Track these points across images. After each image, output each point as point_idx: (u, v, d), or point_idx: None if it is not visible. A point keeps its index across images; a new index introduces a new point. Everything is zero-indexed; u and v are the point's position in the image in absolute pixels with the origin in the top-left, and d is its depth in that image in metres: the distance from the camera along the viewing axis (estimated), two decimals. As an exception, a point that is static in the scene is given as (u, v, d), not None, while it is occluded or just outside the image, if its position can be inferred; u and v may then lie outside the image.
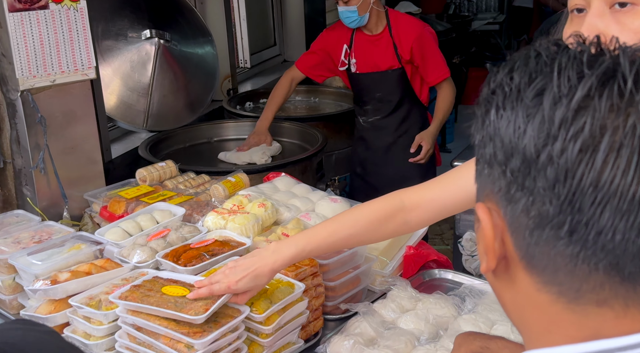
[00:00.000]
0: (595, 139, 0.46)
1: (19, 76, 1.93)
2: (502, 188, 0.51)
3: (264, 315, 1.34)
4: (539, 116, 0.48)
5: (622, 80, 0.47)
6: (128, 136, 3.08)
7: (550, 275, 0.50)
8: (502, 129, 0.50)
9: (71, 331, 1.44)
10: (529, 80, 0.50)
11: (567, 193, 0.47)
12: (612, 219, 0.46)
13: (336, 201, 1.99)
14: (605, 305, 0.49)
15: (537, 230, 0.49)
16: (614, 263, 0.48)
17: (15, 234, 1.71)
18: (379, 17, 2.77)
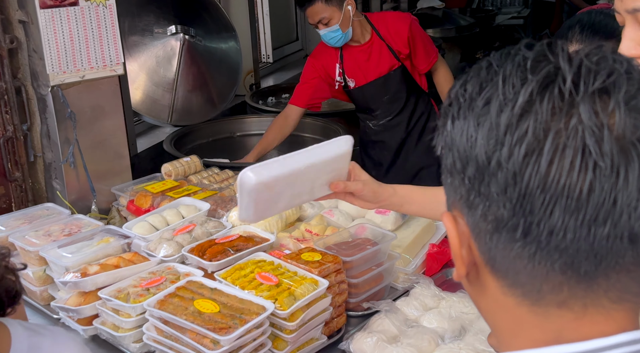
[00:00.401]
0: (540, 142, 0.47)
1: (50, 71, 1.97)
2: (463, 195, 0.52)
3: (288, 311, 1.36)
4: (487, 123, 0.49)
5: (562, 82, 0.48)
6: (153, 130, 3.13)
7: (513, 277, 0.51)
8: (457, 139, 0.52)
9: (100, 323, 1.48)
10: (479, 89, 0.51)
11: (517, 196, 0.48)
12: (562, 218, 0.47)
13: (359, 198, 1.99)
14: (565, 306, 0.50)
15: (496, 234, 0.50)
16: (569, 262, 0.48)
17: (45, 227, 1.75)
18: (362, 25, 2.72)
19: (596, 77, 0.48)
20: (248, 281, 1.45)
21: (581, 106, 0.47)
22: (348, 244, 1.67)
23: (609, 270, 0.49)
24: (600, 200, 0.46)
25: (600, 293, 0.50)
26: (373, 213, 1.92)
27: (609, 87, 0.48)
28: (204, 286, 1.42)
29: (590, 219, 0.47)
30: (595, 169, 0.46)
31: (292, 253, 1.59)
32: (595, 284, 0.49)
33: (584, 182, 0.46)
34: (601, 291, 0.49)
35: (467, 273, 0.55)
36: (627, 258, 0.48)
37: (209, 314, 1.31)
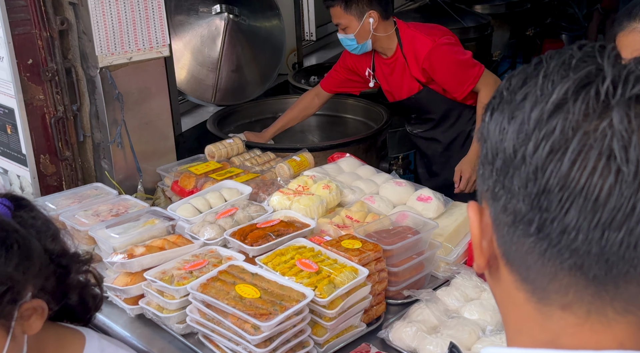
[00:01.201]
0: (567, 140, 0.47)
1: (98, 53, 2.01)
2: (490, 187, 0.53)
3: (328, 299, 1.37)
4: (520, 117, 0.50)
5: (601, 84, 0.47)
6: (197, 109, 3.16)
7: (524, 272, 0.52)
8: (491, 130, 0.52)
9: (146, 303, 1.53)
10: (521, 84, 0.52)
11: (537, 191, 0.48)
12: (576, 218, 0.47)
13: (401, 185, 1.97)
14: (569, 310, 0.50)
15: (512, 227, 0.51)
16: (579, 263, 0.48)
17: (94, 207, 1.81)
18: (389, 38, 2.49)
19: (636, 83, 0.47)
20: (288, 267, 1.46)
21: (615, 109, 0.46)
22: (389, 232, 1.66)
23: (619, 278, 0.48)
24: (617, 205, 0.46)
25: (607, 301, 0.49)
26: (414, 200, 1.90)
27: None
28: (245, 271, 1.45)
29: (605, 222, 0.46)
30: (617, 174, 0.46)
31: (332, 240, 1.60)
32: (603, 291, 0.49)
33: (603, 185, 0.46)
34: (607, 299, 0.49)
35: (489, 265, 0.55)
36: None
37: (250, 299, 1.33)
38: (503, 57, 4.90)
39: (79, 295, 0.97)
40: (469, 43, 4.17)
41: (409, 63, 2.50)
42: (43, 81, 1.98)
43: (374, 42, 2.50)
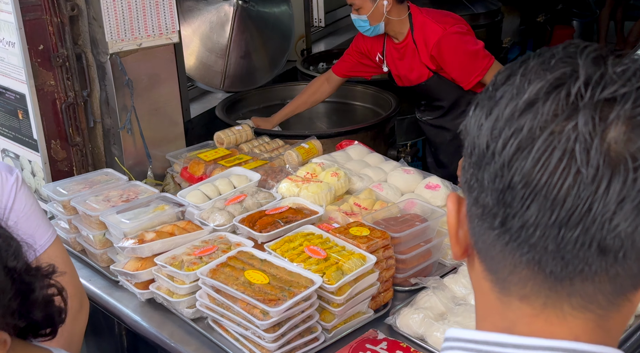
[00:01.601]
0: (533, 140, 0.48)
1: (109, 39, 2.01)
2: (467, 179, 0.54)
3: (336, 285, 1.38)
4: (495, 113, 0.51)
5: (573, 85, 0.48)
6: (205, 95, 3.17)
7: (489, 263, 0.54)
8: (471, 125, 0.54)
9: (156, 288, 1.55)
10: (504, 81, 0.52)
11: (502, 187, 0.50)
12: (535, 215, 0.48)
13: (409, 173, 1.98)
14: (526, 301, 0.53)
15: (481, 220, 0.53)
16: (537, 258, 0.50)
17: (105, 192, 1.83)
18: (402, 23, 2.48)
19: (606, 86, 0.48)
20: (297, 254, 1.47)
21: (582, 112, 0.47)
22: (397, 219, 1.67)
23: (575, 275, 0.50)
24: (574, 205, 0.47)
25: (563, 296, 0.51)
26: (422, 188, 1.91)
27: (617, 98, 0.47)
28: (254, 257, 1.46)
29: (562, 220, 0.48)
30: (577, 176, 0.47)
31: (340, 227, 1.61)
32: (559, 286, 0.51)
33: (563, 185, 0.47)
34: (564, 295, 0.51)
35: (467, 254, 0.58)
36: (595, 267, 0.49)
37: (258, 285, 1.35)
38: (513, 44, 4.85)
39: (43, 311, 0.93)
40: (479, 29, 4.13)
41: (419, 49, 2.49)
42: (54, 67, 1.99)
43: (386, 25, 2.49)
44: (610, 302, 0.51)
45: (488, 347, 0.53)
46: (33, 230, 1.27)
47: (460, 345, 0.55)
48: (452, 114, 2.63)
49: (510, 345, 0.52)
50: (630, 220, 0.47)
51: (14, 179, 1.25)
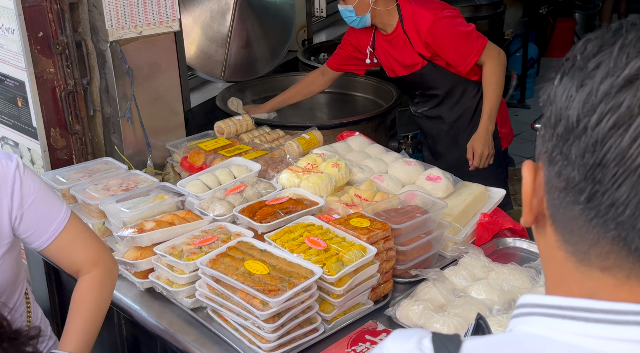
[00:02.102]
0: (631, 117, 0.47)
1: (109, 27, 2.00)
2: (548, 149, 0.54)
3: (336, 276, 1.38)
4: (589, 87, 0.50)
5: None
6: (206, 85, 3.15)
7: (568, 235, 0.54)
8: (558, 95, 0.53)
9: (155, 277, 1.55)
10: (596, 51, 0.51)
11: (592, 163, 0.49)
12: (626, 194, 0.48)
13: (410, 164, 1.97)
14: (608, 272, 0.53)
15: (563, 193, 0.53)
16: (623, 235, 0.50)
17: (104, 181, 1.82)
18: (390, 14, 2.45)
19: None
20: (297, 244, 1.47)
21: None
22: (397, 211, 1.67)
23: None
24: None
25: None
26: (424, 179, 1.90)
27: None
28: (254, 248, 1.46)
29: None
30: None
31: (340, 218, 1.60)
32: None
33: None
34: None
35: (536, 221, 0.58)
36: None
37: (258, 275, 1.35)
38: (515, 36, 4.83)
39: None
40: (481, 21, 4.11)
41: (411, 39, 2.47)
42: (53, 54, 1.98)
43: (373, 17, 2.46)
44: None
45: (574, 312, 0.53)
46: (48, 208, 1.28)
47: (542, 311, 0.54)
48: (447, 103, 2.61)
49: (597, 310, 0.52)
50: None
51: (14, 165, 1.24)
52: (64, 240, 1.30)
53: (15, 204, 1.23)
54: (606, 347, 0.51)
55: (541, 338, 0.54)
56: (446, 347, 0.56)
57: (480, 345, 0.57)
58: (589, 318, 0.52)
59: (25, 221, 1.26)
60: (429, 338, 0.58)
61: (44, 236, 1.29)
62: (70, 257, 1.33)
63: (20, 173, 1.24)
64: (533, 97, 5.67)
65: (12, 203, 1.23)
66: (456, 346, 0.56)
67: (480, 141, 2.45)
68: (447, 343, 0.57)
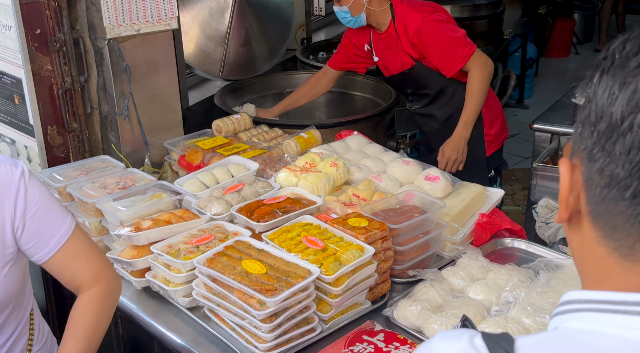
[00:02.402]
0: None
1: (106, 24, 1.98)
2: (588, 147, 0.55)
3: (334, 276, 1.37)
4: (633, 85, 0.51)
5: None
6: (204, 83, 3.14)
7: (610, 230, 0.55)
8: (599, 93, 0.53)
9: (152, 276, 1.54)
10: (637, 51, 0.52)
11: (639, 160, 0.50)
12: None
13: (409, 164, 1.97)
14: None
15: (606, 189, 0.54)
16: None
17: (101, 179, 1.81)
18: (383, 13, 2.48)
19: None
20: (295, 244, 1.46)
21: None
22: (395, 211, 1.66)
23: None
24: None
25: None
26: (422, 179, 1.89)
27: None
28: (252, 247, 1.45)
29: None
30: None
31: (338, 218, 1.59)
32: None
33: None
34: None
35: (570, 218, 0.59)
36: None
37: (256, 275, 1.34)
38: (514, 36, 4.83)
39: None
40: (480, 21, 4.11)
41: (401, 38, 2.50)
42: (51, 51, 1.97)
43: (368, 17, 2.50)
44: None
45: (626, 306, 0.53)
46: (52, 219, 1.21)
47: (592, 307, 0.55)
48: (439, 102, 2.62)
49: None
50: None
51: (19, 172, 1.17)
52: (66, 253, 1.23)
53: (18, 213, 1.17)
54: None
55: (594, 333, 0.54)
56: (500, 345, 0.56)
57: (534, 342, 0.57)
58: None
59: (28, 232, 1.19)
60: (480, 336, 0.58)
61: (46, 248, 1.21)
62: (72, 272, 1.25)
63: (25, 180, 1.18)
64: (532, 97, 5.67)
65: (15, 212, 1.16)
66: (510, 344, 0.56)
67: (450, 145, 2.48)
68: (501, 341, 0.57)
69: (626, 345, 0.52)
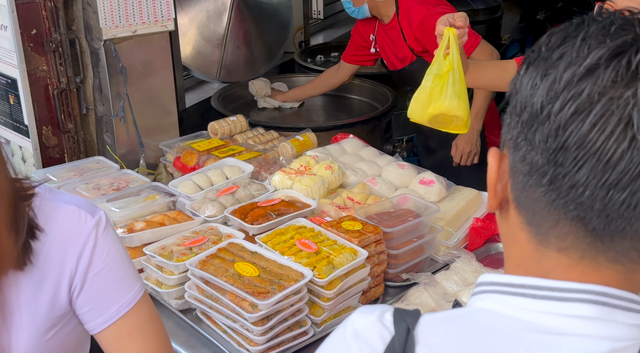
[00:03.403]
0: (591, 104, 0.50)
1: (103, 25, 1.98)
2: (514, 137, 0.57)
3: (327, 279, 1.37)
4: (552, 75, 0.52)
5: (634, 55, 0.50)
6: (201, 85, 3.14)
7: (530, 217, 0.57)
8: (524, 84, 0.55)
9: (144, 278, 1.53)
10: (560, 43, 0.54)
11: (555, 147, 0.52)
12: (586, 176, 0.51)
13: (404, 168, 1.96)
14: (564, 252, 0.56)
15: (527, 176, 0.55)
16: (582, 216, 0.53)
17: (95, 180, 1.80)
18: (386, 4, 2.49)
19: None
20: (288, 247, 1.46)
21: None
22: (390, 214, 1.66)
23: (615, 233, 0.53)
24: (626, 168, 0.50)
25: (600, 251, 0.55)
26: (417, 183, 1.89)
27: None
28: (245, 250, 1.45)
29: (611, 183, 0.51)
30: (632, 141, 0.49)
31: (332, 221, 1.59)
32: (599, 241, 0.54)
33: (617, 149, 0.50)
34: (601, 249, 0.54)
35: (501, 206, 0.61)
36: (636, 226, 0.53)
37: (248, 277, 1.34)
38: (512, 41, 4.84)
39: None
40: (478, 26, 4.11)
41: (404, 31, 2.50)
42: (47, 52, 1.96)
43: (372, 8, 2.53)
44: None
45: (524, 289, 0.56)
46: (116, 284, 0.99)
47: (496, 289, 0.58)
48: None
49: (545, 288, 0.56)
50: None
51: (94, 222, 0.97)
52: (121, 329, 0.99)
53: (79, 270, 0.96)
54: (548, 321, 0.54)
55: (491, 312, 0.57)
56: (404, 319, 0.59)
57: (437, 318, 0.61)
58: (536, 295, 0.56)
59: (85, 293, 0.97)
60: (391, 312, 0.61)
61: (101, 317, 0.98)
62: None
63: (98, 232, 0.97)
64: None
65: (77, 268, 0.96)
66: (414, 319, 0.60)
67: (463, 139, 2.49)
68: (407, 316, 0.60)
69: (515, 323, 0.55)
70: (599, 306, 0.54)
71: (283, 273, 1.36)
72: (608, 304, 0.54)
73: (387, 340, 0.59)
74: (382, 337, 0.59)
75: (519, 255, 0.59)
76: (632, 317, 0.54)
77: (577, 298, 0.54)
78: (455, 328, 0.58)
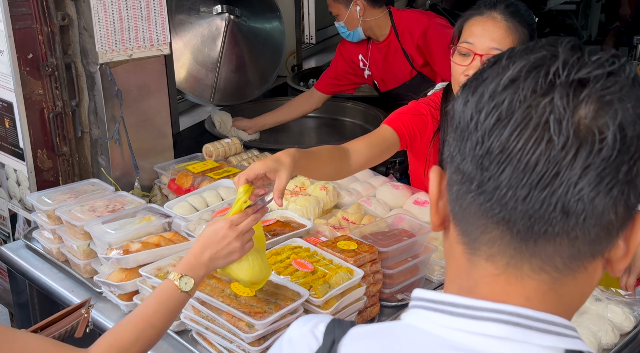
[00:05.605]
0: (512, 112, 0.54)
1: (99, 49, 2.01)
2: (451, 152, 0.59)
3: (323, 299, 1.37)
4: (480, 90, 0.56)
5: (552, 67, 0.54)
6: (195, 108, 3.17)
7: (464, 226, 0.58)
8: (458, 103, 0.59)
9: (140, 299, 1.52)
10: (492, 64, 0.58)
11: (481, 154, 0.55)
12: (508, 178, 0.54)
13: (398, 188, 1.98)
14: (491, 260, 0.57)
15: (460, 185, 0.57)
16: (507, 218, 0.55)
17: (90, 202, 1.80)
18: (380, 23, 2.54)
19: (581, 68, 0.54)
20: (284, 266, 1.46)
21: (558, 89, 0.53)
22: (385, 234, 1.67)
23: (539, 236, 0.54)
24: (544, 169, 0.52)
25: (525, 257, 0.56)
26: (411, 203, 1.91)
27: (590, 79, 0.53)
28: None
29: (532, 183, 0.53)
30: (548, 143, 0.52)
31: (328, 241, 1.60)
32: (523, 246, 0.55)
33: (535, 151, 0.52)
34: (526, 255, 0.56)
35: (444, 226, 0.62)
36: (557, 229, 0.54)
37: (244, 298, 1.33)
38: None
39: None
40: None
41: (405, 43, 2.52)
42: (42, 76, 1.98)
43: (365, 29, 2.57)
44: (567, 266, 0.56)
45: (444, 306, 0.58)
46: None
47: (422, 304, 0.60)
48: None
49: (462, 306, 0.57)
50: (592, 186, 0.52)
51: None
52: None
53: None
54: (463, 339, 0.55)
55: (413, 328, 0.59)
56: (333, 331, 0.61)
57: (363, 331, 0.62)
58: (453, 312, 0.57)
59: None
60: (326, 323, 0.63)
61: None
62: None
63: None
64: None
65: None
66: (343, 332, 0.61)
67: None
68: (338, 328, 0.62)
69: (431, 339, 0.57)
70: (511, 326, 0.55)
71: (279, 292, 1.36)
72: (521, 325, 0.54)
73: (314, 350, 0.61)
74: (310, 346, 0.62)
75: (455, 271, 0.61)
76: (548, 338, 0.54)
77: (489, 318, 0.55)
78: (377, 342, 0.60)
